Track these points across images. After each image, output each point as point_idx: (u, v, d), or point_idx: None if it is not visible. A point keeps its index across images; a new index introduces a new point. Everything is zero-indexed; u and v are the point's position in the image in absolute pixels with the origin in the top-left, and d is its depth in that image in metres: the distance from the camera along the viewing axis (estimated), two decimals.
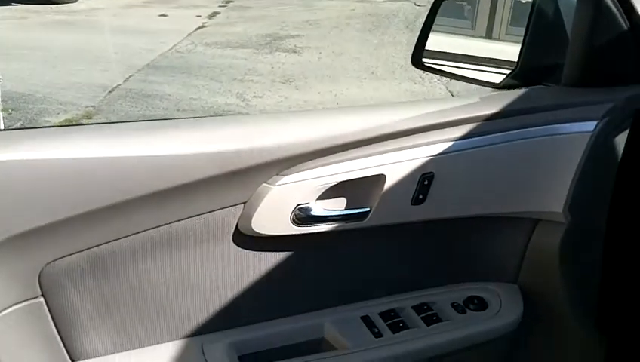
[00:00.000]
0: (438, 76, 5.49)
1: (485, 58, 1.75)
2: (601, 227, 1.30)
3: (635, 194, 1.31)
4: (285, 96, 5.18)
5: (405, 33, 7.27)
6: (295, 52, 6.59)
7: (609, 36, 1.22)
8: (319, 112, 1.18)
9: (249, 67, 6.00)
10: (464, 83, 1.60)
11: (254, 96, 5.16)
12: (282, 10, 8.82)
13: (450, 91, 5.31)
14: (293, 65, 6.09)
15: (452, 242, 1.26)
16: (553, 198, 1.20)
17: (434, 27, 1.59)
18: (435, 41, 1.61)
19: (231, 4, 9.29)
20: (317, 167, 1.10)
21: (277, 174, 1.09)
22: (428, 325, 1.21)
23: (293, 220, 1.11)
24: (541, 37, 1.39)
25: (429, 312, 1.23)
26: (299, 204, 1.10)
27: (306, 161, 1.09)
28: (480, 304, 1.26)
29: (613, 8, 1.21)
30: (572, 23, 1.28)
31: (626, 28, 1.22)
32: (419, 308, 1.24)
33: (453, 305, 1.26)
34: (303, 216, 1.11)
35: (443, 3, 1.60)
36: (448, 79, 5.33)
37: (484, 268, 1.30)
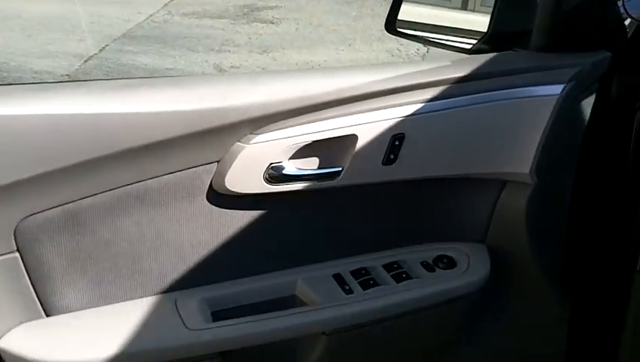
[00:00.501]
0: (414, 50, 5.52)
1: (459, 29, 1.77)
2: (567, 189, 1.34)
3: (599, 156, 1.35)
4: (262, 67, 5.16)
5: (383, 6, 7.19)
6: (273, 23, 6.54)
7: (576, 2, 1.24)
8: (293, 73, 1.19)
9: (226, 37, 5.95)
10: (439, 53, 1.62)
11: (231, 67, 5.14)
12: None
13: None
14: (271, 36, 6.06)
15: (422, 202, 1.29)
16: (521, 160, 1.23)
17: None
18: (411, 11, 1.62)
19: None
20: (290, 126, 1.12)
21: (250, 133, 1.10)
22: (398, 282, 1.25)
23: (266, 179, 1.12)
24: (511, 3, 1.41)
25: (399, 270, 1.27)
26: (272, 163, 1.12)
27: (280, 121, 1.11)
28: (449, 262, 1.30)
29: None
30: None
31: None
32: (389, 267, 1.27)
33: (422, 263, 1.29)
34: (275, 174, 1.13)
35: None
36: (426, 49, 5.38)
37: (453, 228, 1.33)
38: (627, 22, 1.39)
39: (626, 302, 1.36)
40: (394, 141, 1.17)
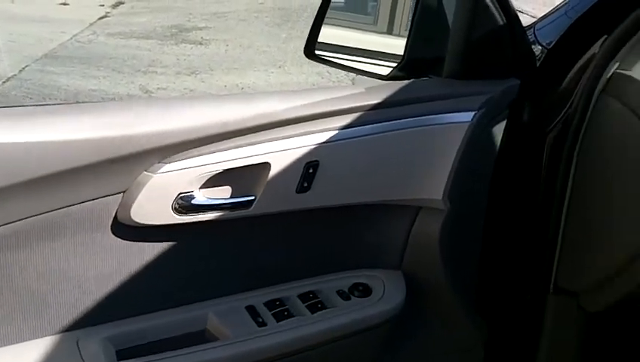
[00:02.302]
0: (344, 72, 5.56)
1: (382, 52, 1.79)
2: (480, 213, 1.35)
3: (512, 181, 1.37)
4: (190, 89, 5.09)
5: None
6: (202, 44, 6.48)
7: (486, 31, 1.27)
8: (204, 99, 1.17)
9: (153, 58, 5.86)
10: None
11: (158, 88, 5.05)
12: (189, 2, 8.65)
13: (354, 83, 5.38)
14: (199, 57, 6.00)
15: (337, 230, 1.28)
16: (434, 186, 1.24)
17: (336, 21, 1.60)
18: (334, 35, 1.62)
19: None
20: (200, 155, 1.09)
21: (159, 162, 1.07)
22: (312, 313, 1.23)
23: (175, 209, 1.09)
24: (425, 30, 1.42)
25: (315, 300, 1.25)
26: (181, 193, 1.09)
27: (190, 149, 1.08)
28: (364, 290, 1.29)
29: (490, 4, 1.26)
30: (452, 17, 1.32)
31: (502, 23, 1.27)
32: (304, 297, 1.25)
33: (338, 292, 1.28)
34: (185, 204, 1.09)
35: None
36: (355, 75, 5.43)
37: (369, 255, 1.32)
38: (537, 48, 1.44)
39: (540, 323, 1.39)
40: (308, 169, 1.15)
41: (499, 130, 1.32)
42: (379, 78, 1.48)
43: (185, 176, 1.08)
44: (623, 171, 1.31)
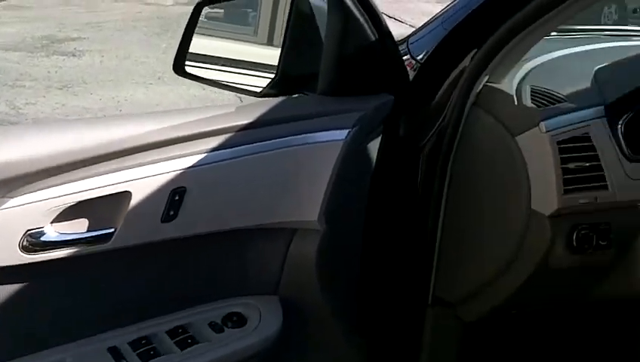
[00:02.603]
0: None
1: (263, 64, 1.73)
2: (357, 231, 1.33)
3: (387, 198, 1.36)
4: (62, 103, 4.82)
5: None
6: (75, 55, 6.19)
7: (358, 46, 1.24)
8: (54, 124, 1.06)
9: (22, 71, 5.52)
10: None
11: (26, 103, 4.74)
12: (63, 11, 8.27)
13: (239, 97, 5.30)
14: (72, 69, 5.72)
15: (208, 258, 1.21)
16: (309, 207, 1.20)
17: (214, 32, 1.54)
18: (215, 47, 1.56)
19: (4, 3, 8.53)
20: (50, 186, 0.99)
21: (3, 196, 0.96)
22: (182, 349, 1.14)
23: (24, 247, 0.98)
24: (299, 45, 1.38)
25: (184, 335, 1.16)
26: (29, 229, 0.98)
27: (37, 181, 0.98)
28: (239, 320, 1.22)
29: (362, 20, 1.23)
30: (324, 33, 1.28)
31: (374, 39, 1.25)
32: (173, 332, 1.16)
33: (210, 324, 1.20)
34: (35, 242, 0.99)
35: (227, 9, 1.55)
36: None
37: (243, 282, 1.26)
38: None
39: (420, 336, 1.40)
40: (174, 196, 1.08)
41: (374, 147, 1.30)
42: (252, 95, 1.42)
43: (33, 210, 0.97)
44: (492, 185, 1.33)
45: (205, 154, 1.10)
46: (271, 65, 1.71)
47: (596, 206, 1.27)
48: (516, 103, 1.30)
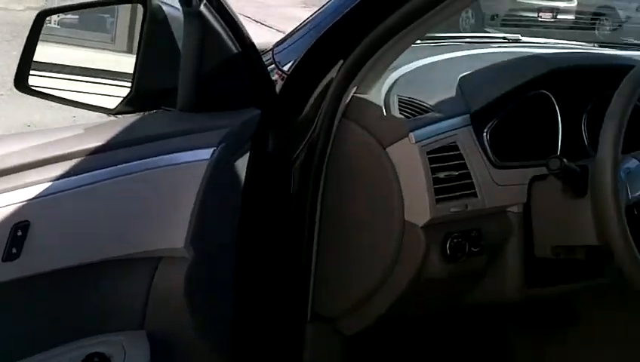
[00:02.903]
0: None
1: (123, 73, 1.62)
2: (229, 253, 1.26)
3: (260, 216, 1.30)
4: None
5: None
6: None
7: (219, 59, 1.19)
8: None
9: None
10: None
11: None
12: None
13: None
14: None
15: (61, 297, 1.09)
16: (174, 234, 1.12)
17: (67, 40, 1.49)
18: (61, 54, 1.43)
19: None
20: None
21: None
22: None
23: None
24: (156, 57, 1.28)
25: None
26: None
27: None
28: (101, 361, 1.11)
29: (222, 32, 1.17)
30: (182, 45, 1.20)
31: (235, 50, 1.19)
32: None
33: None
34: None
35: (82, 15, 1.44)
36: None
37: (104, 318, 1.15)
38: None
39: (300, 353, 1.37)
40: (16, 231, 0.97)
41: (243, 164, 1.24)
42: (104, 113, 1.31)
43: None
44: (366, 197, 1.32)
45: (51, 182, 1.00)
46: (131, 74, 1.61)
47: (467, 213, 1.28)
48: (385, 114, 1.29)
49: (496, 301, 1.44)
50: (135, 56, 1.33)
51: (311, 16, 1.37)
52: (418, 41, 1.53)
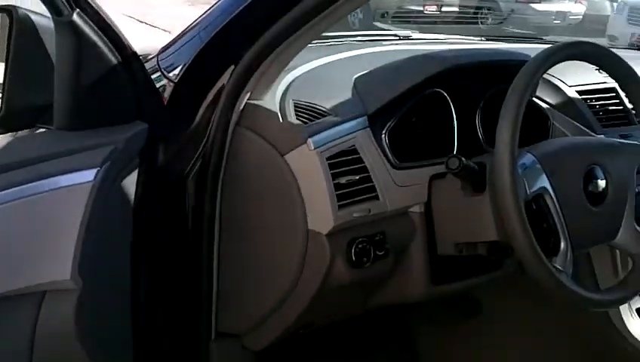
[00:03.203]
0: None
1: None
2: (124, 278, 1.18)
3: (155, 235, 1.23)
4: None
5: None
6: None
7: (98, 72, 1.10)
8: None
9: None
10: None
11: None
12: None
13: None
14: None
15: None
16: (58, 264, 1.02)
17: None
18: None
19: None
20: None
21: None
22: None
23: None
24: (27, 71, 1.17)
25: None
26: None
27: None
28: None
29: (98, 41, 1.08)
30: (55, 57, 1.10)
31: (116, 62, 1.11)
32: None
33: None
34: None
35: None
36: None
37: None
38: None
39: None
40: None
41: (131, 183, 1.16)
42: None
43: None
44: (267, 207, 1.27)
45: None
46: None
47: (370, 217, 1.26)
48: (281, 120, 1.24)
49: (403, 301, 1.43)
50: (3, 70, 1.21)
51: (199, 17, 1.29)
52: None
